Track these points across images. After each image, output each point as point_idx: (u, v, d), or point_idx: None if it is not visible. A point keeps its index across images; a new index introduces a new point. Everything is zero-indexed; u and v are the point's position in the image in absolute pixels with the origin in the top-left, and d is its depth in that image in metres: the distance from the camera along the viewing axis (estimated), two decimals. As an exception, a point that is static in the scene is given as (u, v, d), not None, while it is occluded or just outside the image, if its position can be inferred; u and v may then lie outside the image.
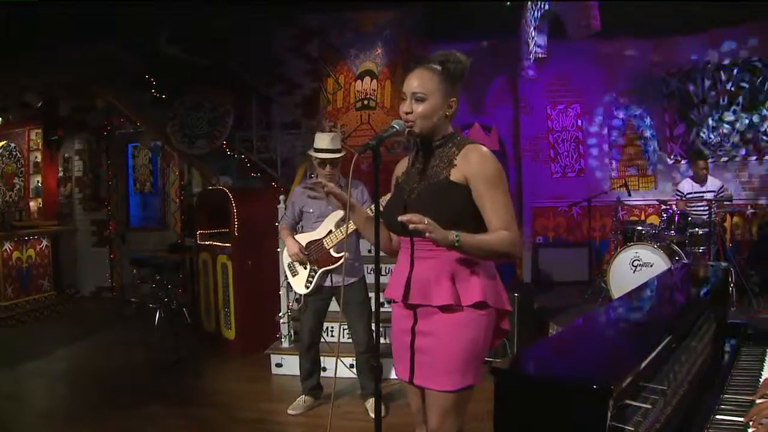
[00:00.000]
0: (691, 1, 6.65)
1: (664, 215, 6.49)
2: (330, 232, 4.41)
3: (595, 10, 5.29)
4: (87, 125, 9.58)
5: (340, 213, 4.40)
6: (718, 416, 2.04)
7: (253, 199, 6.73)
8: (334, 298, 4.60)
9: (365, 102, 9.19)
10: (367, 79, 9.25)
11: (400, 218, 2.12)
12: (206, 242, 6.71)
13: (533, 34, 6.78)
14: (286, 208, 5.17)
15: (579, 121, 9.47)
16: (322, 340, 4.80)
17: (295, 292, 4.61)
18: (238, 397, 4.99)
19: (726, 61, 8.32)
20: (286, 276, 5.48)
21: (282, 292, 5.69)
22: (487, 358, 2.41)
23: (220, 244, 6.45)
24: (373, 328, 4.73)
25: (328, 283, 4.48)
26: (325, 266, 4.42)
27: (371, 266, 6.19)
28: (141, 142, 9.25)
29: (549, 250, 9.10)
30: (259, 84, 8.45)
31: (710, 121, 8.47)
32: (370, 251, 6.54)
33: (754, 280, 6.54)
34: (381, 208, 2.46)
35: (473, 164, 2.30)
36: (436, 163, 2.40)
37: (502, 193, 2.30)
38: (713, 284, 2.83)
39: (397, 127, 2.34)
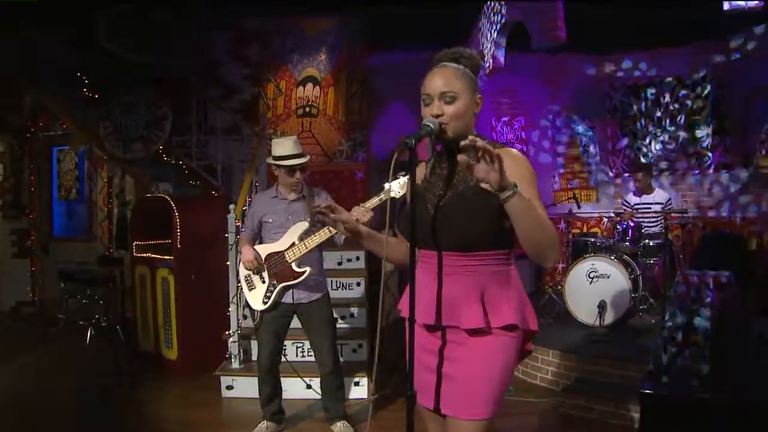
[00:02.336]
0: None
1: (619, 227, 6.52)
2: (293, 244, 4.08)
3: (561, 21, 5.17)
4: (8, 125, 8.88)
5: (303, 225, 4.10)
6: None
7: (197, 208, 6.33)
8: (295, 316, 4.26)
9: (307, 109, 8.92)
10: (310, 85, 8.98)
11: (469, 138, 1.80)
12: (144, 254, 6.24)
13: (490, 46, 6.66)
14: (244, 219, 4.87)
15: (523, 134, 9.45)
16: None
17: (251, 308, 4.25)
18: (187, 425, 4.55)
19: (668, 78, 8.45)
20: (239, 289, 5.19)
21: (231, 308, 5.30)
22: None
23: (159, 256, 6.00)
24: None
25: (288, 299, 4.15)
26: (286, 281, 4.08)
27: (335, 280, 5.93)
28: (69, 145, 8.62)
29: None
30: (198, 86, 8.01)
31: (652, 136, 8.59)
32: (340, 263, 6.26)
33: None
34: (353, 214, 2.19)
35: (508, 167, 2.01)
36: (463, 169, 2.12)
37: (539, 197, 2.10)
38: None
39: (432, 126, 2.07)
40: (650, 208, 6.79)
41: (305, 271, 4.05)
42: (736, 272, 7.08)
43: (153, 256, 6.10)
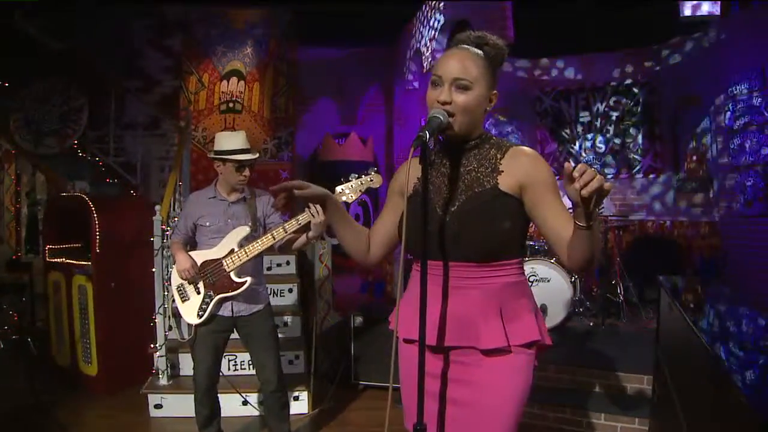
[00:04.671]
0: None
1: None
2: (231, 251, 3.72)
3: (510, 21, 5.05)
4: None
5: (244, 229, 3.76)
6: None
7: (117, 209, 5.82)
8: (235, 330, 3.91)
9: (231, 105, 8.58)
10: (234, 79, 8.63)
11: (572, 170, 1.54)
12: (58, 259, 5.69)
13: (430, 44, 6.49)
14: (170, 221, 4.46)
15: (452, 134, 9.33)
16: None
17: (181, 322, 3.87)
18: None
19: (600, 84, 8.51)
20: (165, 299, 4.79)
21: (158, 319, 4.88)
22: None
23: (76, 262, 5.48)
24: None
25: (226, 312, 3.78)
26: (224, 292, 3.71)
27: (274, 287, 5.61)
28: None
29: (425, 266, 8.84)
30: (117, 78, 7.48)
31: (582, 140, 8.65)
32: (270, 269, 5.93)
33: (631, 292, 6.67)
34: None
35: (528, 168, 1.86)
36: (474, 168, 1.92)
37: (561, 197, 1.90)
38: None
39: (442, 119, 1.81)
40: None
41: (245, 281, 3.70)
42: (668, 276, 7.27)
43: (68, 261, 5.57)
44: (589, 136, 8.65)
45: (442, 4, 6.26)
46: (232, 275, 3.70)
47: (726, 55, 6.85)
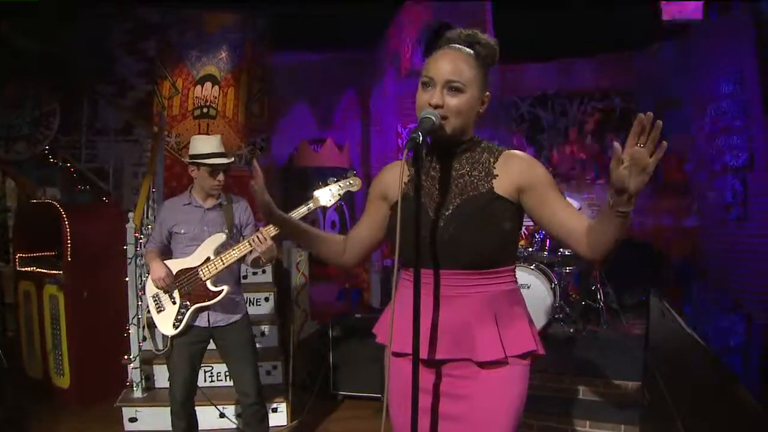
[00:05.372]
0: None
1: (537, 236, 6.46)
2: (207, 259, 3.62)
3: (490, 24, 5.02)
4: None
5: (220, 237, 3.66)
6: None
7: (89, 216, 5.69)
8: (212, 340, 3.80)
9: (205, 110, 8.41)
10: (208, 84, 8.47)
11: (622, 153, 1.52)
12: (28, 268, 5.55)
13: (409, 48, 6.45)
14: (143, 228, 4.33)
15: (429, 141, 9.28)
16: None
17: (161, 333, 3.76)
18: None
19: (578, 89, 8.52)
20: (139, 309, 4.67)
21: (131, 330, 4.75)
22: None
23: (47, 271, 5.34)
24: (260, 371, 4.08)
25: (203, 322, 3.68)
26: (200, 302, 3.61)
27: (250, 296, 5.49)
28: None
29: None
30: (90, 81, 7.32)
31: (559, 146, 8.66)
32: (245, 277, 5.80)
33: (611, 298, 6.66)
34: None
35: (524, 170, 1.82)
36: (467, 172, 1.86)
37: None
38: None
39: (435, 120, 1.75)
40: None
41: (222, 290, 3.61)
42: (646, 281, 7.28)
43: (39, 270, 5.43)
44: (566, 141, 8.66)
45: (420, 7, 6.22)
46: (209, 284, 3.61)
47: (705, 61, 6.89)
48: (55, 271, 5.27)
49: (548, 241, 6.33)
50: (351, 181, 3.41)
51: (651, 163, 1.52)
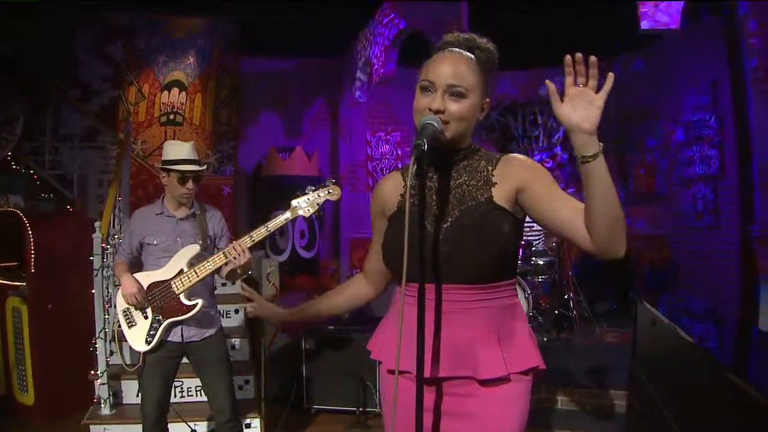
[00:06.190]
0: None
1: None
2: (181, 272, 3.48)
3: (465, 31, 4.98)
4: None
5: (194, 248, 3.54)
6: None
7: (54, 225, 5.54)
8: (186, 356, 3.67)
9: (171, 116, 8.31)
10: (175, 90, 8.37)
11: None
12: (-11, 280, 5.36)
13: (381, 54, 6.39)
14: (110, 239, 4.18)
15: (398, 150, 9.30)
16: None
17: (132, 348, 3.61)
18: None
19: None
20: (106, 323, 4.52)
21: (99, 344, 4.58)
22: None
23: (9, 282, 5.19)
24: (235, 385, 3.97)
25: (176, 337, 3.55)
26: (174, 316, 3.48)
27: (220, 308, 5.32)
28: None
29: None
30: (55, 86, 7.12)
31: (529, 155, 8.70)
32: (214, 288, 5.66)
33: (583, 305, 6.68)
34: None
35: (521, 170, 1.75)
36: (464, 181, 1.78)
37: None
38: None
39: (436, 126, 1.67)
40: (534, 226, 6.79)
41: (196, 303, 3.47)
42: (617, 289, 7.35)
43: (1, 281, 5.28)
44: (536, 150, 8.70)
45: (393, 14, 6.17)
46: (182, 297, 3.48)
47: (677, 70, 6.98)
48: (18, 283, 5.13)
49: (521, 250, 6.34)
50: (330, 190, 3.32)
51: (599, 96, 1.53)
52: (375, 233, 2.02)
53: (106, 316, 4.64)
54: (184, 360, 3.68)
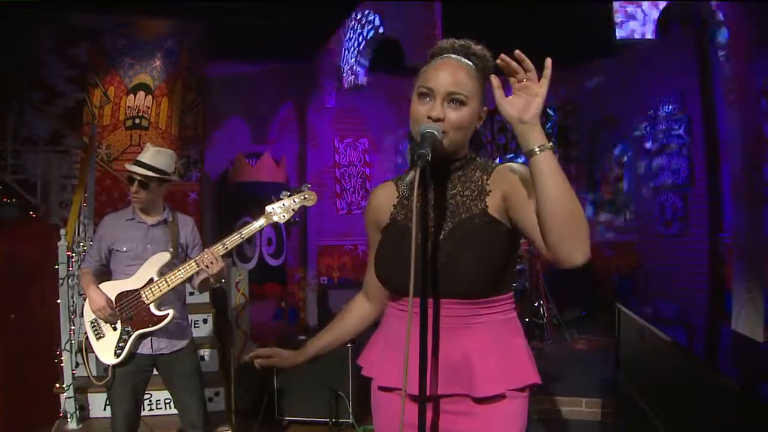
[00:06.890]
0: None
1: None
2: (151, 281, 3.37)
3: (440, 38, 4.96)
4: None
5: (165, 256, 3.43)
6: None
7: (17, 232, 5.40)
8: (156, 369, 3.56)
9: (137, 120, 8.15)
10: (141, 94, 8.21)
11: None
12: (-53, 289, 5.17)
13: (352, 60, 6.35)
14: (74, 246, 4.04)
15: (366, 157, 9.29)
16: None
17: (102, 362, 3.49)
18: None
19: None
20: (71, 335, 4.39)
21: (64, 356, 4.44)
22: None
23: (-31, 292, 4.99)
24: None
25: (146, 349, 3.43)
26: (144, 327, 3.36)
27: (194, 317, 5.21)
28: None
29: (337, 292, 8.74)
30: (16, 86, 6.94)
31: (499, 162, 8.74)
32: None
33: (553, 312, 6.72)
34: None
35: (509, 176, 1.68)
36: (459, 192, 1.74)
37: None
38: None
39: (436, 134, 1.62)
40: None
41: (167, 314, 3.36)
42: (586, 296, 7.40)
43: (-41, 291, 5.08)
44: (505, 157, 8.73)
45: (366, 19, 6.14)
46: (152, 308, 3.36)
47: (646, 79, 7.06)
48: (-23, 293, 4.93)
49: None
50: (305, 195, 3.27)
51: (539, 85, 1.52)
52: (371, 247, 1.96)
53: (72, 327, 4.50)
54: (154, 372, 3.58)
